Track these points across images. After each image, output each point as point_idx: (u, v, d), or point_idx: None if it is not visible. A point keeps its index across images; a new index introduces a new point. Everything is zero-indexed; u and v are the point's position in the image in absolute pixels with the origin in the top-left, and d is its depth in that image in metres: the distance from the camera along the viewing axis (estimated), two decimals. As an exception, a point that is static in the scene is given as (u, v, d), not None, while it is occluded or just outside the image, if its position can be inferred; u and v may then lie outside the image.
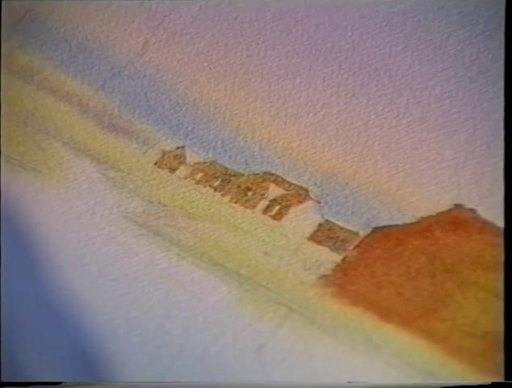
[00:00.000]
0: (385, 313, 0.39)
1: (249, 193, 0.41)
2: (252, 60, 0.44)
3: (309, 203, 0.41)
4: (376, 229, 0.40)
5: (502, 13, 0.44)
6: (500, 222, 0.40)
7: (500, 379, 0.38)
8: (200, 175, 0.42)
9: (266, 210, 0.41)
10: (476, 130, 0.42)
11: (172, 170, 0.42)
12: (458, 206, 0.41)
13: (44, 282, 0.39)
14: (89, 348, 0.38)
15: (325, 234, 0.40)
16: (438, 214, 0.41)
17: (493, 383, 0.37)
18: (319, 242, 0.40)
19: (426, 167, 0.42)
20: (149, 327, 0.39)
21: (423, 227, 0.40)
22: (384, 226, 0.41)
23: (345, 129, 0.42)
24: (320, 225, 0.41)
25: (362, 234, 0.40)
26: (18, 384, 0.38)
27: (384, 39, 0.44)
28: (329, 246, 0.40)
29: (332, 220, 0.41)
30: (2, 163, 0.39)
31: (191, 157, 0.42)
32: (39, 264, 0.39)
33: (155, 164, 0.42)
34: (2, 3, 0.40)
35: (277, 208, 0.41)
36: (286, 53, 0.44)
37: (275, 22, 0.44)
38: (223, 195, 0.41)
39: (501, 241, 0.40)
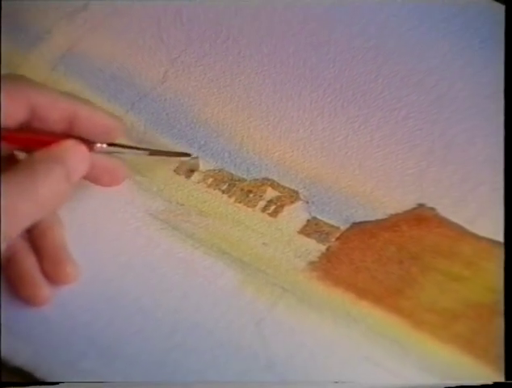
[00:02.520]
0: (362, 292, 0.39)
1: (251, 195, 0.41)
2: (252, 86, 0.44)
3: (299, 203, 0.41)
4: (354, 224, 0.40)
5: (455, 49, 0.44)
6: (454, 218, 0.40)
7: (456, 346, 0.38)
8: (211, 180, 0.42)
9: (264, 209, 0.41)
10: (435, 143, 0.42)
11: (188, 176, 0.42)
12: (420, 205, 0.41)
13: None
14: (121, 323, 0.38)
15: (312, 228, 0.40)
16: (405, 212, 0.41)
17: (495, 383, 0.37)
18: (307, 235, 0.40)
19: (395, 174, 0.42)
20: (170, 305, 0.39)
21: (392, 222, 0.40)
22: (361, 222, 0.41)
23: (328, 143, 0.43)
24: (308, 220, 0.41)
25: (342, 228, 0.40)
26: (18, 384, 0.37)
27: (359, 69, 0.44)
28: (315, 238, 0.40)
29: (318, 217, 0.41)
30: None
31: (204, 165, 0.42)
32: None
33: (174, 171, 0.42)
34: (49, 41, 0.40)
35: (273, 207, 0.41)
36: (280, 81, 0.44)
37: (271, 56, 0.44)
38: (229, 196, 0.41)
39: (455, 234, 0.40)
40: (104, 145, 0.38)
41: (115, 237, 0.40)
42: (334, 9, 0.45)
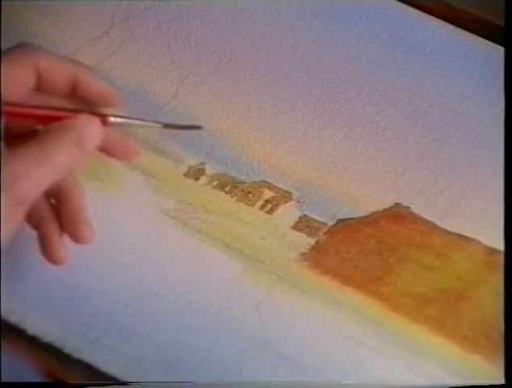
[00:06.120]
0: (346, 280, 0.39)
1: (250, 195, 0.41)
2: (252, 102, 0.44)
3: (292, 202, 0.41)
4: (340, 221, 0.40)
5: (427, 69, 0.44)
6: (427, 215, 0.41)
7: (427, 326, 0.38)
8: (216, 182, 0.42)
9: (262, 207, 0.41)
10: (410, 151, 0.42)
11: (196, 179, 0.42)
12: (397, 204, 0.41)
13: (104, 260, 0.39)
14: (137, 306, 0.38)
15: (303, 224, 0.40)
16: (383, 210, 0.41)
17: (498, 385, 0.37)
18: (299, 230, 0.40)
19: (375, 177, 0.42)
20: (180, 290, 0.39)
21: (373, 219, 0.41)
22: (345, 218, 0.41)
23: (318, 150, 0.42)
24: (300, 217, 0.41)
25: (329, 224, 0.40)
26: (18, 384, 0.36)
27: (344, 87, 0.44)
28: (306, 233, 0.40)
29: (308, 214, 0.41)
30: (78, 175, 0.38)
31: (210, 170, 0.42)
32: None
33: (184, 175, 0.42)
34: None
35: (269, 206, 0.41)
36: (276, 97, 0.44)
37: (268, 75, 0.44)
38: (231, 196, 0.41)
39: (427, 229, 0.40)
40: (118, 119, 0.35)
41: (134, 231, 0.40)
42: (322, 35, 0.45)
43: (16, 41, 0.45)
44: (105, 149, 0.36)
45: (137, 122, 0.37)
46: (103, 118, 0.35)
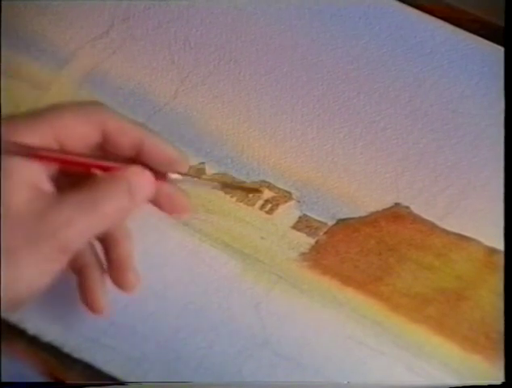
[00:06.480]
0: (346, 279, 0.39)
1: (250, 195, 0.41)
2: (252, 102, 0.43)
3: (292, 202, 0.41)
4: (340, 221, 0.41)
5: (427, 69, 0.44)
6: (426, 215, 0.41)
7: (427, 326, 0.38)
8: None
9: (262, 207, 0.41)
10: (410, 151, 0.42)
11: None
12: (397, 204, 0.41)
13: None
14: (137, 305, 0.38)
15: (303, 224, 0.41)
16: (383, 210, 0.41)
17: (498, 384, 0.37)
18: (299, 230, 0.40)
19: (375, 177, 0.42)
20: (180, 289, 0.39)
21: (372, 219, 0.41)
22: (345, 218, 0.41)
23: (317, 150, 0.42)
24: (299, 217, 0.41)
25: (329, 224, 0.41)
26: (18, 384, 0.36)
27: (344, 87, 0.44)
28: (306, 233, 0.40)
29: (308, 214, 0.41)
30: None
31: (210, 169, 0.42)
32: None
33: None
34: (75, 63, 0.39)
35: (269, 205, 0.41)
36: (275, 97, 0.44)
37: (268, 75, 0.44)
38: (231, 196, 0.41)
39: (427, 229, 0.40)
40: (178, 175, 0.35)
41: (134, 232, 0.39)
42: (322, 35, 0.45)
43: (16, 41, 0.45)
44: (155, 202, 0.36)
45: (196, 180, 0.37)
46: (163, 174, 0.35)
